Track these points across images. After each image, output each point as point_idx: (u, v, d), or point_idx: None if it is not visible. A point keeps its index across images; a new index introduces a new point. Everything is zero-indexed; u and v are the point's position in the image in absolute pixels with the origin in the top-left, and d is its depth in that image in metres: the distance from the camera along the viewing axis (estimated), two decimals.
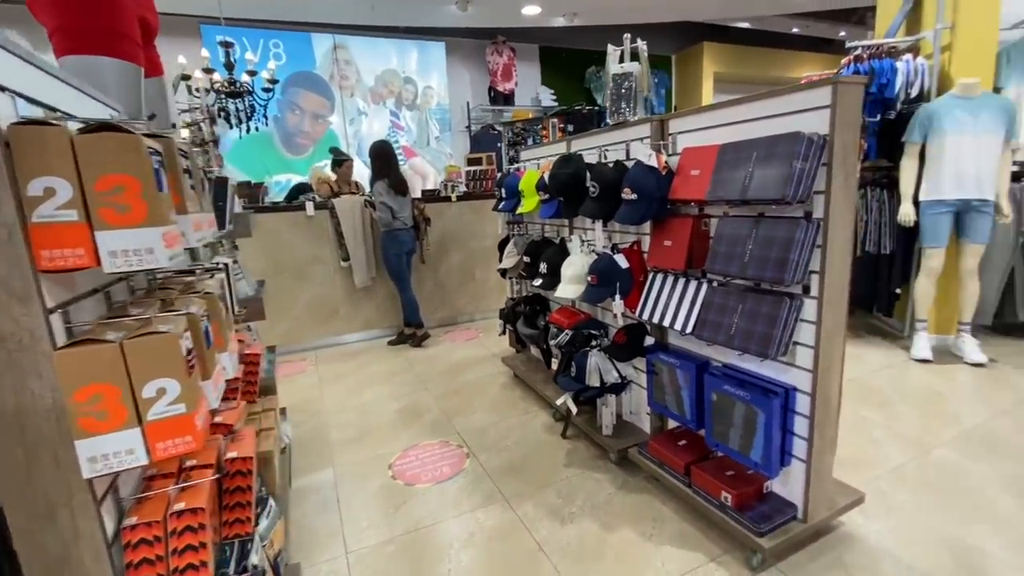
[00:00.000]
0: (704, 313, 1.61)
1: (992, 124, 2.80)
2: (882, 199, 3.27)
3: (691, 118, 1.73)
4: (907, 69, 3.11)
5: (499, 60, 6.47)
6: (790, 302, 1.39)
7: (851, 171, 1.34)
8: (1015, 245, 3.18)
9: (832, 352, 1.43)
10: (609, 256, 1.93)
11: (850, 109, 1.29)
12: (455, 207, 4.40)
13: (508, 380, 3.16)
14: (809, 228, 1.33)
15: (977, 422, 2.31)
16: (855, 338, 3.53)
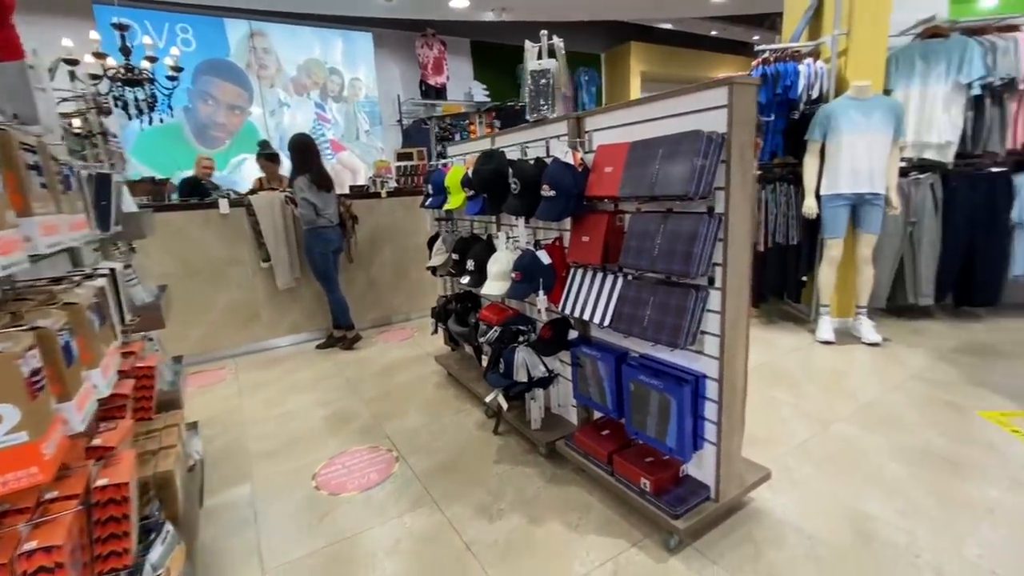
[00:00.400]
0: (620, 306, 1.65)
1: (882, 124, 3.07)
2: (789, 194, 3.50)
3: (605, 116, 1.76)
4: (808, 72, 3.34)
5: (429, 53, 6.35)
6: (696, 293, 1.45)
7: (748, 168, 1.41)
8: (903, 235, 3.51)
9: (736, 339, 1.50)
10: (532, 252, 1.93)
11: (745, 108, 1.36)
12: (386, 203, 4.28)
13: (442, 379, 3.12)
14: (711, 223, 1.39)
15: (872, 397, 2.53)
16: (768, 324, 3.78)
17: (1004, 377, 2.65)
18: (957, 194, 3.39)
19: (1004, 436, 2.11)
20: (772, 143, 3.51)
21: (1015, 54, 3.15)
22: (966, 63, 3.18)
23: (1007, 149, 3.34)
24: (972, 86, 3.19)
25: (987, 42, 3.19)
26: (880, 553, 1.52)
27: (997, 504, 1.70)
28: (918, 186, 3.41)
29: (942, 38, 3.26)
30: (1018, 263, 3.44)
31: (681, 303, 1.46)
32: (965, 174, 3.39)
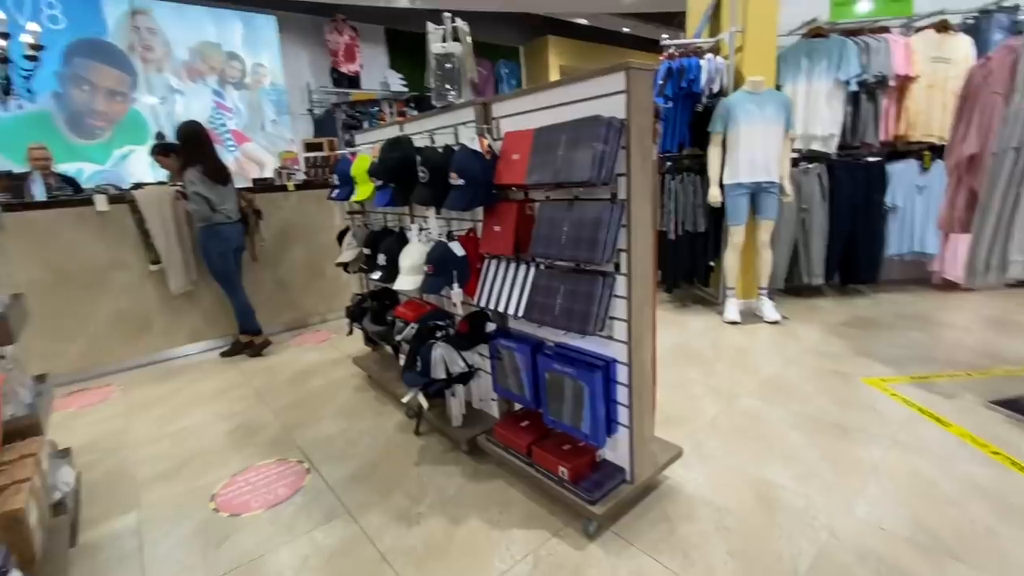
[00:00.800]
0: (533, 295, 1.62)
1: (775, 116, 3.29)
2: (695, 184, 3.68)
3: (512, 102, 1.72)
4: (710, 67, 3.51)
5: (340, 40, 6.03)
6: (603, 280, 1.45)
7: (647, 154, 1.42)
8: (797, 220, 3.80)
9: (643, 324, 1.52)
10: (444, 244, 1.86)
11: (642, 94, 1.37)
12: (294, 197, 4.01)
13: (361, 382, 2.97)
14: (614, 209, 1.39)
15: (772, 371, 2.71)
16: (682, 307, 3.96)
17: (883, 346, 2.94)
18: (840, 182, 3.72)
19: (884, 399, 2.33)
20: (679, 135, 3.66)
21: (886, 54, 3.49)
22: (844, 61, 3.48)
23: (880, 140, 3.70)
24: (849, 83, 3.51)
25: (862, 42, 3.51)
26: (782, 518, 1.61)
27: (880, 462, 1.87)
28: (807, 175, 3.70)
29: (823, 38, 3.54)
30: (893, 243, 3.85)
31: (589, 290, 1.45)
32: (846, 164, 3.72)
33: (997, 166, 1.97)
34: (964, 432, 2.02)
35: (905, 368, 2.63)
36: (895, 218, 3.79)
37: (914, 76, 3.50)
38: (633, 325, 1.49)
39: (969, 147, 2.10)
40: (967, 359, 2.70)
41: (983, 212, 2.05)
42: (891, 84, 3.52)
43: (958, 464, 1.83)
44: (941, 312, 3.47)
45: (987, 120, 2.02)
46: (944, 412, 2.18)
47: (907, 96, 3.59)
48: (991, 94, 1.98)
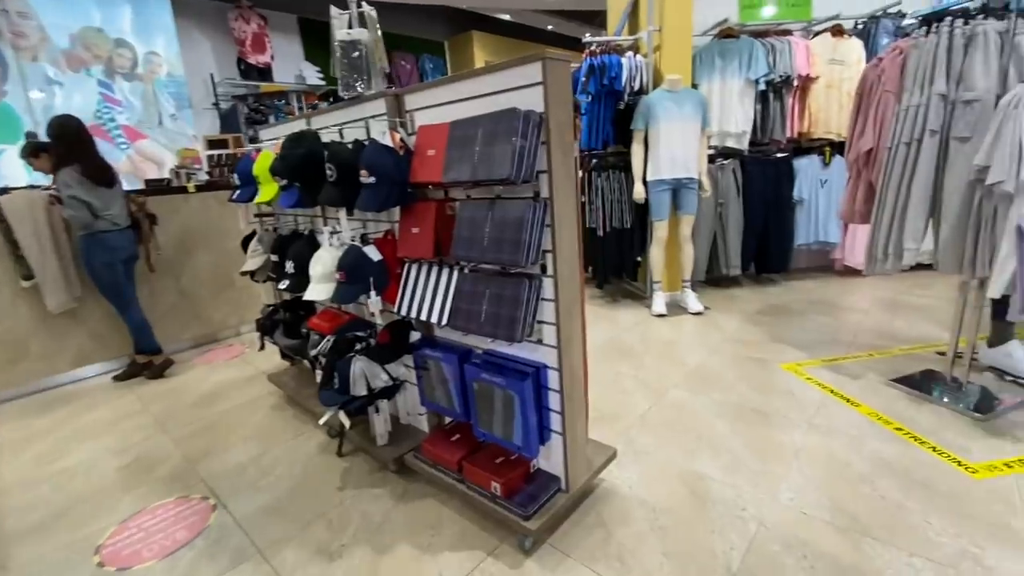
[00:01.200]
0: (457, 302, 1.52)
1: (692, 114, 3.38)
2: (621, 180, 3.72)
3: (426, 93, 1.60)
4: (630, 65, 3.56)
5: (247, 28, 5.58)
6: (530, 283, 1.37)
7: (568, 149, 1.36)
8: (715, 215, 3.95)
9: (572, 326, 1.46)
10: (357, 249, 1.71)
11: (560, 86, 1.30)
12: (196, 199, 3.63)
13: (279, 400, 2.73)
14: (537, 208, 1.31)
15: (698, 361, 2.79)
16: (612, 303, 4.02)
17: (796, 331, 3.11)
18: (752, 177, 3.91)
19: (800, 383, 2.45)
20: (604, 132, 3.69)
21: (789, 55, 3.70)
22: (754, 61, 3.65)
23: (787, 137, 3.93)
24: (759, 82, 3.68)
25: (768, 44, 3.70)
26: (714, 513, 1.62)
27: (800, 447, 1.94)
28: (723, 171, 3.86)
29: (734, 39, 3.70)
30: (800, 234, 4.11)
31: (515, 294, 1.37)
32: (757, 159, 3.92)
33: (891, 160, 2.11)
34: (871, 411, 2.15)
35: (816, 352, 2.79)
36: (802, 210, 4.05)
37: (814, 76, 3.74)
38: (562, 328, 1.42)
39: (866, 143, 2.24)
40: (869, 340, 2.91)
41: (880, 204, 2.18)
42: (795, 84, 3.74)
43: (867, 443, 1.94)
44: (844, 296, 3.74)
45: (881, 117, 2.15)
46: (853, 392, 2.32)
47: (809, 95, 3.83)
48: (884, 92, 2.12)
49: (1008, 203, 1.80)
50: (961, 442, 1.89)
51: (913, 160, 2.03)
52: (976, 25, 1.88)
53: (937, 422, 2.04)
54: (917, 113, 2.02)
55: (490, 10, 7.21)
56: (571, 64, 1.39)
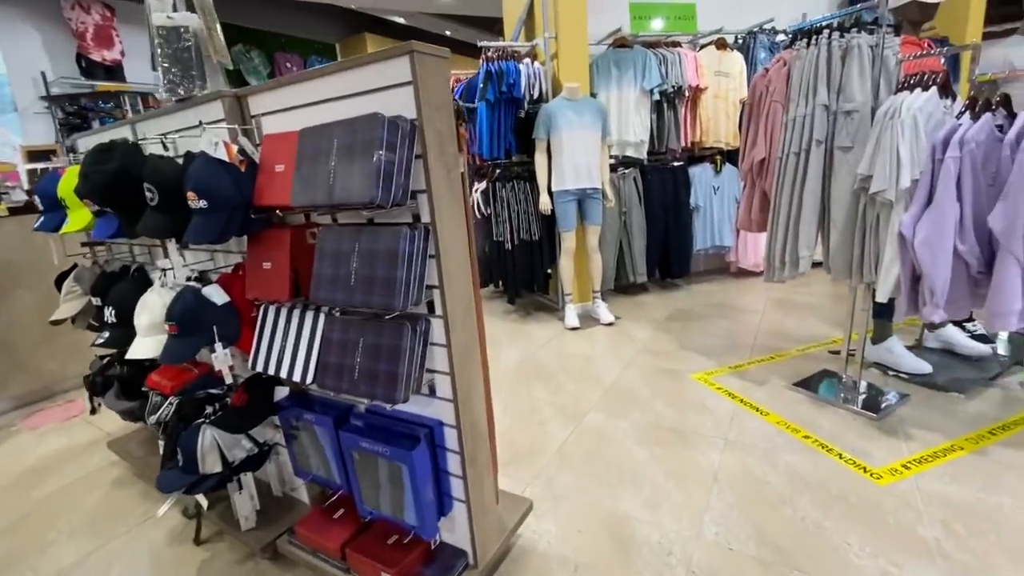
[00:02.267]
0: (325, 354, 1.22)
1: (592, 123, 3.32)
2: (527, 191, 3.58)
3: (276, 93, 1.29)
4: (528, 72, 3.43)
5: (87, 19, 4.73)
6: (413, 327, 1.11)
7: (453, 163, 1.12)
8: (620, 223, 3.94)
9: (470, 374, 1.23)
10: (193, 291, 1.34)
11: (437, 87, 1.06)
12: (12, 224, 2.92)
13: (124, 473, 2.20)
14: (415, 236, 1.06)
15: (613, 377, 2.68)
16: (526, 317, 3.85)
17: (702, 337, 3.13)
18: (652, 185, 3.95)
19: (711, 395, 2.42)
20: (505, 141, 3.52)
21: (680, 66, 3.78)
22: (647, 71, 3.68)
23: (682, 146, 4.03)
24: (653, 92, 3.72)
25: (660, 54, 3.75)
26: (639, 561, 1.46)
27: (719, 467, 1.86)
28: (625, 180, 3.86)
29: (628, 48, 3.71)
30: (698, 239, 4.23)
31: (395, 343, 1.10)
32: (656, 168, 3.97)
33: (782, 170, 2.12)
34: (779, 419, 2.15)
35: (723, 359, 2.80)
36: (699, 216, 4.17)
37: (703, 87, 3.86)
38: (458, 378, 1.18)
39: (758, 153, 2.25)
40: (768, 342, 2.99)
41: (775, 213, 2.20)
42: (686, 94, 3.83)
43: (780, 455, 1.90)
44: (741, 298, 3.88)
45: (771, 127, 2.17)
46: (760, 400, 2.32)
47: (699, 105, 3.95)
48: (772, 103, 2.13)
49: (889, 210, 1.85)
50: (863, 445, 1.92)
51: (803, 169, 2.06)
52: (851, 38, 1.94)
53: (839, 425, 2.07)
54: (804, 123, 2.04)
55: (382, 11, 6.84)
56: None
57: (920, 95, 1.76)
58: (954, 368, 2.42)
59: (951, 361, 2.49)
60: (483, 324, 1.30)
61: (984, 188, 1.65)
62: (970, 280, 1.75)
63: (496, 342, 3.35)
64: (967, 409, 2.13)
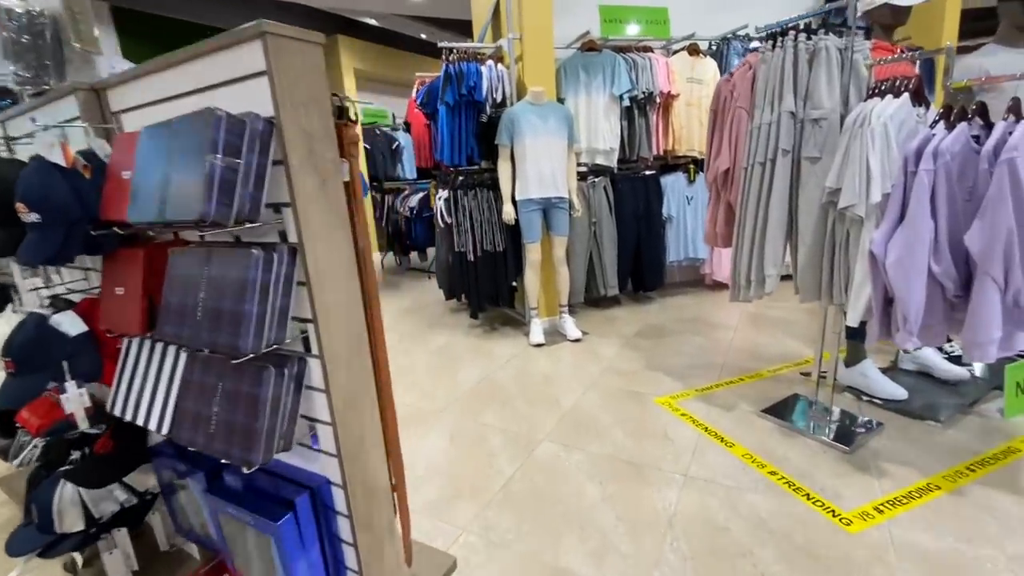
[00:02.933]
0: (184, 399, 1.01)
1: (557, 129, 3.14)
2: (491, 199, 3.39)
3: (139, 85, 1.08)
4: (491, 74, 3.25)
5: None
6: (278, 371, 0.91)
7: (332, 171, 0.93)
8: (590, 234, 3.76)
9: (361, 423, 1.03)
10: (36, 320, 1.12)
11: (305, 79, 0.87)
12: None
13: (14, 514, 1.95)
14: (274, 260, 0.86)
15: (573, 401, 2.49)
16: (490, 332, 3.66)
17: (671, 356, 2.96)
18: (624, 195, 3.79)
19: (674, 422, 2.24)
20: (467, 146, 3.34)
21: (652, 72, 3.63)
22: (617, 76, 3.53)
23: (654, 154, 3.87)
24: (622, 98, 3.57)
25: (630, 59, 3.60)
26: None
27: (676, 511, 1.67)
28: (595, 189, 3.69)
29: (596, 52, 3.55)
30: (671, 250, 4.08)
31: (253, 391, 0.90)
32: (627, 177, 3.81)
33: (747, 181, 1.96)
34: (745, 452, 1.97)
35: (690, 380, 2.63)
36: (671, 227, 4.02)
37: (675, 94, 3.72)
38: (343, 429, 0.98)
39: (723, 162, 2.09)
40: (739, 362, 2.82)
41: (740, 227, 2.04)
42: (658, 101, 3.69)
43: (744, 496, 1.72)
44: (715, 312, 3.72)
45: (735, 135, 2.01)
46: (726, 429, 2.14)
47: (671, 113, 3.81)
48: (737, 109, 1.97)
49: (860, 227, 1.70)
50: (833, 484, 1.75)
51: (768, 181, 1.89)
52: (819, 40, 1.78)
53: (808, 459, 1.90)
54: (769, 131, 1.88)
55: (351, 12, 6.65)
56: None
57: (891, 102, 1.61)
58: (931, 393, 2.28)
59: (927, 385, 2.34)
60: (384, 360, 1.10)
61: (960, 204, 1.49)
62: (946, 304, 1.59)
63: (455, 360, 3.15)
64: (944, 439, 1.97)
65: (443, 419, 2.40)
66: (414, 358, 3.22)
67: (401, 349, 3.40)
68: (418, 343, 3.50)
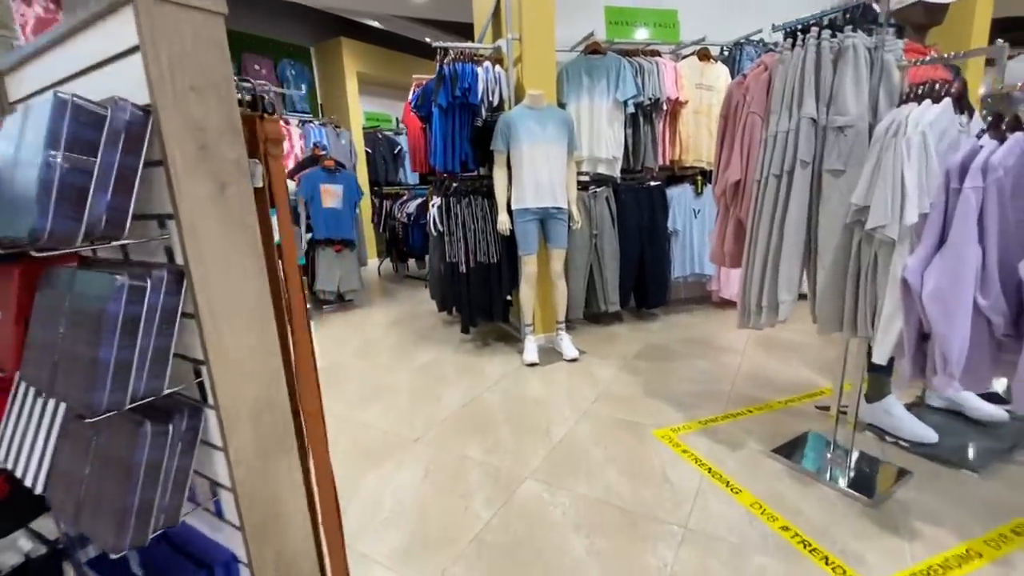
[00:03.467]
0: (60, 456, 0.81)
1: (556, 135, 2.96)
2: (485, 208, 3.20)
3: (39, 66, 0.90)
4: (487, 76, 3.08)
5: (29, 12, 4.37)
6: (156, 429, 0.71)
7: (236, 176, 0.73)
8: (590, 246, 3.56)
9: (275, 486, 0.83)
10: None
11: (194, 58, 0.68)
12: None
13: None
14: (147, 287, 0.66)
15: (564, 432, 2.28)
16: (482, 348, 3.45)
17: (674, 381, 2.74)
18: (627, 206, 3.58)
19: (675, 459, 2.02)
20: (461, 151, 3.16)
21: (659, 77, 3.44)
22: (622, 81, 3.34)
23: (660, 164, 3.67)
24: (627, 104, 3.38)
25: (636, 63, 3.41)
26: None
27: (672, 572, 1.45)
28: (597, 199, 3.50)
29: (601, 55, 3.37)
30: (677, 266, 3.86)
31: (123, 454, 0.70)
32: (631, 187, 3.61)
33: (761, 195, 1.75)
34: (753, 500, 1.75)
35: (693, 411, 2.40)
36: (677, 241, 3.81)
37: (683, 101, 3.52)
38: (245, 499, 0.78)
39: (733, 174, 1.88)
40: (747, 390, 2.60)
41: (751, 246, 1.82)
42: (664, 107, 3.49)
43: (751, 556, 1.50)
44: (722, 333, 3.50)
45: (748, 144, 1.80)
46: (732, 470, 1.92)
47: (679, 120, 3.61)
48: (750, 114, 1.77)
49: (891, 250, 1.48)
50: (854, 546, 1.52)
51: (784, 196, 1.68)
52: (845, 38, 1.58)
53: (826, 512, 1.67)
54: (786, 140, 1.68)
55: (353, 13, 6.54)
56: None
57: (930, 108, 1.40)
58: (963, 435, 2.04)
59: (959, 425, 2.11)
60: (314, 410, 0.90)
61: (1013, 226, 1.28)
62: (993, 343, 1.37)
63: (440, 379, 2.94)
64: (982, 493, 1.74)
65: (419, 450, 2.19)
66: (396, 376, 3.02)
67: (383, 366, 3.21)
68: (403, 359, 3.30)
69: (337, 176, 4.37)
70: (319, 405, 0.91)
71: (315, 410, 0.90)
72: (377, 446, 2.24)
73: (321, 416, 0.92)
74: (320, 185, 4.28)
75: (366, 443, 2.26)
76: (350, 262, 4.61)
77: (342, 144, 6.72)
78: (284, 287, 0.83)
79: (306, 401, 0.88)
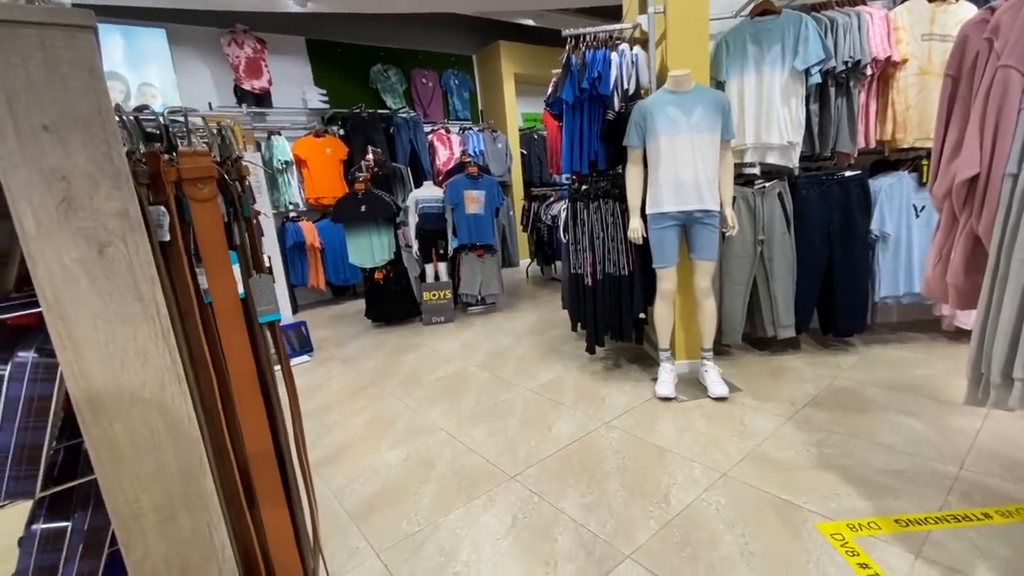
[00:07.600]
0: None
1: (705, 122, 2.42)
2: (616, 212, 2.81)
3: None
4: (621, 61, 2.67)
5: (240, 53, 5.32)
6: (46, 532, 0.59)
7: (122, 233, 0.58)
8: (754, 256, 2.89)
9: None
10: None
11: (49, 87, 0.53)
12: None
13: None
14: (7, 377, 0.54)
15: (688, 499, 1.82)
16: (611, 370, 3.07)
17: (862, 446, 2.02)
18: (808, 204, 2.81)
19: (843, 573, 1.42)
20: (589, 150, 2.81)
21: (860, 32, 2.60)
22: (802, 44, 2.60)
23: (859, 149, 2.80)
24: (811, 73, 2.62)
25: (825, 19, 2.63)
26: None
27: None
28: (764, 197, 2.80)
29: (774, 15, 2.67)
30: (885, 282, 2.91)
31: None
32: (815, 180, 2.82)
33: (1015, 200, 1.07)
34: None
35: (889, 501, 1.70)
36: (886, 249, 2.86)
37: (899, 60, 2.60)
38: None
39: (965, 165, 1.21)
40: (983, 478, 1.76)
41: (995, 280, 1.15)
42: (868, 72, 2.62)
43: None
44: (950, 380, 2.52)
45: (995, 116, 1.13)
46: None
47: (892, 87, 2.69)
48: (1002, 69, 1.09)
49: None
50: None
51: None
52: None
53: None
54: None
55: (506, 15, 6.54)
56: None
57: None
58: None
59: None
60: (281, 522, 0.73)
61: None
62: None
63: (556, 404, 2.67)
64: None
65: (514, 489, 1.96)
66: (513, 394, 2.83)
67: (504, 380, 3.05)
68: (525, 374, 3.11)
69: (480, 182, 4.38)
70: (284, 513, 0.73)
71: (281, 522, 0.72)
72: (473, 476, 2.08)
73: (285, 520, 0.73)
74: (464, 192, 4.34)
75: (463, 471, 2.12)
76: (491, 267, 4.61)
77: (498, 148, 6.85)
78: (214, 365, 0.66)
79: (251, 509, 0.70)
